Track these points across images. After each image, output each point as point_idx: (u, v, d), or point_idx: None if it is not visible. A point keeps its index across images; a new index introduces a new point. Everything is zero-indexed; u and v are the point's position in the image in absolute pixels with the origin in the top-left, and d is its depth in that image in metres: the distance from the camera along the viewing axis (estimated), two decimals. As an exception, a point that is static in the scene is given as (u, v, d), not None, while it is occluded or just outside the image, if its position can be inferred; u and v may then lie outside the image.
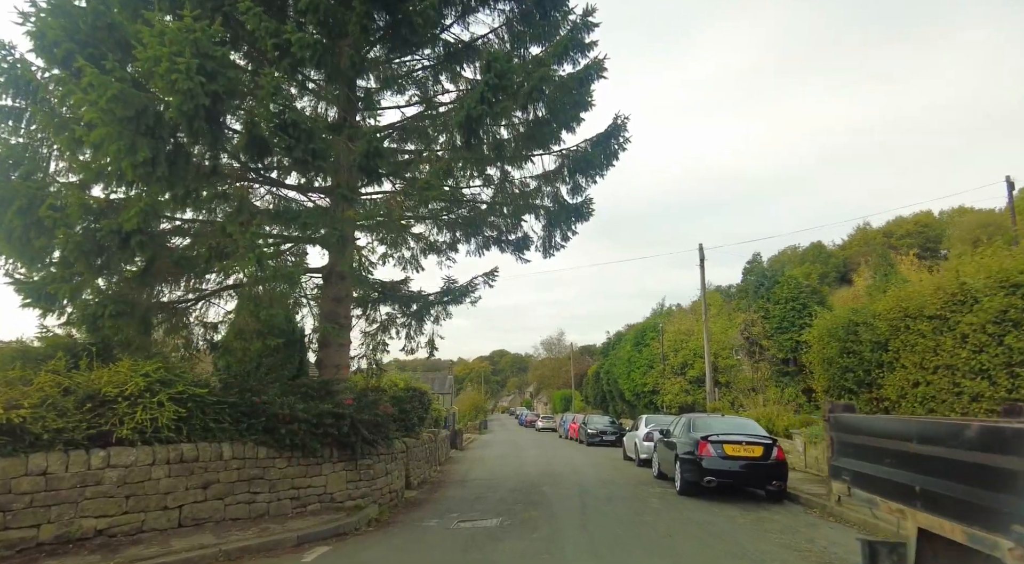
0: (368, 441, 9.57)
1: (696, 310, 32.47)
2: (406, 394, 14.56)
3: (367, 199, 12.41)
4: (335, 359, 11.01)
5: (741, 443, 10.77)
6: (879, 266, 35.78)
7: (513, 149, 11.61)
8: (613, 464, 18.58)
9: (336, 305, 11.17)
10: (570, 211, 13.13)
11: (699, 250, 24.78)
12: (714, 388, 24.99)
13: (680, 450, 11.73)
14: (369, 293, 14.76)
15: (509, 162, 12.43)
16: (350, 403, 9.18)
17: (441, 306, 15.00)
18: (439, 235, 14.88)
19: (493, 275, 14.73)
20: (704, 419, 12.50)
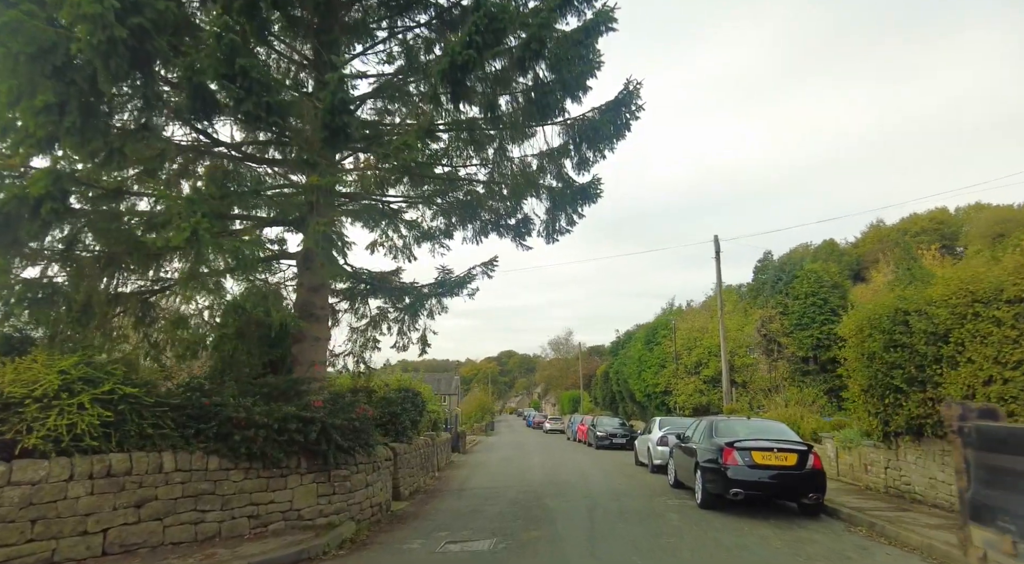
0: (343, 449, 8.31)
1: (710, 306, 31.05)
2: (397, 395, 13.31)
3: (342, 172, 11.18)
4: (310, 355, 9.77)
5: (772, 450, 9.42)
6: (901, 260, 34.20)
7: (511, 117, 10.34)
8: (624, 470, 17.24)
9: (312, 295, 9.93)
10: (576, 192, 11.82)
11: (714, 241, 23.40)
12: (731, 388, 23.59)
13: (701, 457, 10.39)
14: (357, 285, 13.56)
15: (507, 134, 11.16)
16: (319, 405, 7.92)
17: (436, 299, 13.78)
18: (432, 221, 13.64)
19: (492, 265, 13.48)
20: (727, 422, 11.16)
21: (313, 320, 9.81)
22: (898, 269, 33.47)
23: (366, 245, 13.82)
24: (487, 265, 13.48)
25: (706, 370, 27.10)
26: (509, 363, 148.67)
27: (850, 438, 12.14)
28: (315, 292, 9.91)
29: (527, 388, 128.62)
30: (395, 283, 13.54)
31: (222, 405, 7.17)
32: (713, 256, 23.46)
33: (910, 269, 32.49)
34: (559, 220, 12.14)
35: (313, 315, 9.81)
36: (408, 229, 13.94)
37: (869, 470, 11.44)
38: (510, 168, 12.01)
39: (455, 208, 13.03)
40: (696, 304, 36.81)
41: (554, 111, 10.84)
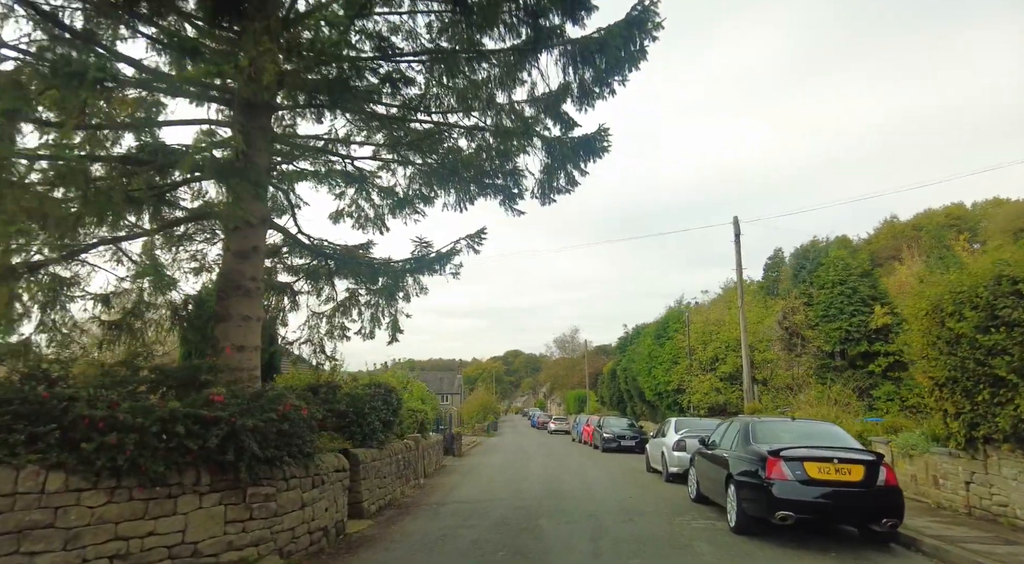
0: (264, 458, 6.20)
1: (727, 298, 28.81)
2: (365, 392, 11.20)
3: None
4: (237, 338, 7.66)
5: (831, 461, 7.23)
6: (933, 249, 31.84)
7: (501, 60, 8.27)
8: (635, 478, 15.06)
9: (239, 262, 7.81)
10: (579, 144, 9.66)
11: (734, 223, 21.16)
12: (752, 385, 21.36)
13: (735, 468, 8.22)
14: (317, 260, 11.48)
15: (495, 73, 9.06)
16: (220, 400, 5.79)
17: (413, 277, 11.69)
18: (410, 186, 11.53)
19: (479, 238, 11.40)
20: (767, 425, 8.96)
21: (241, 294, 7.71)
22: (928, 258, 31.14)
23: (329, 214, 11.74)
24: (474, 238, 11.42)
25: (723, 366, 24.86)
26: (515, 363, 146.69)
27: (912, 443, 9.92)
28: (243, 259, 7.80)
29: (533, 388, 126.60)
30: (364, 258, 11.46)
31: (72, 399, 5.07)
32: (732, 240, 21.24)
33: (942, 258, 30.15)
34: (557, 178, 10.00)
35: (241, 288, 7.71)
36: (382, 196, 11.85)
37: (941, 484, 9.22)
38: (499, 115, 9.86)
39: (436, 169, 10.90)
40: (708, 299, 34.51)
41: (550, 40, 8.73)
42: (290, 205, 10.57)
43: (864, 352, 22.81)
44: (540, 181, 9.90)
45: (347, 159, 10.77)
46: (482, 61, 9.01)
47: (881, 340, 22.47)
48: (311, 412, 7.27)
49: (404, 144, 10.60)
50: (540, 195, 9.96)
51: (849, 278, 23.71)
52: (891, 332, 22.38)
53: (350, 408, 10.74)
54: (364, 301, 12.07)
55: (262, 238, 8.07)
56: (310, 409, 7.39)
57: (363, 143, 11.05)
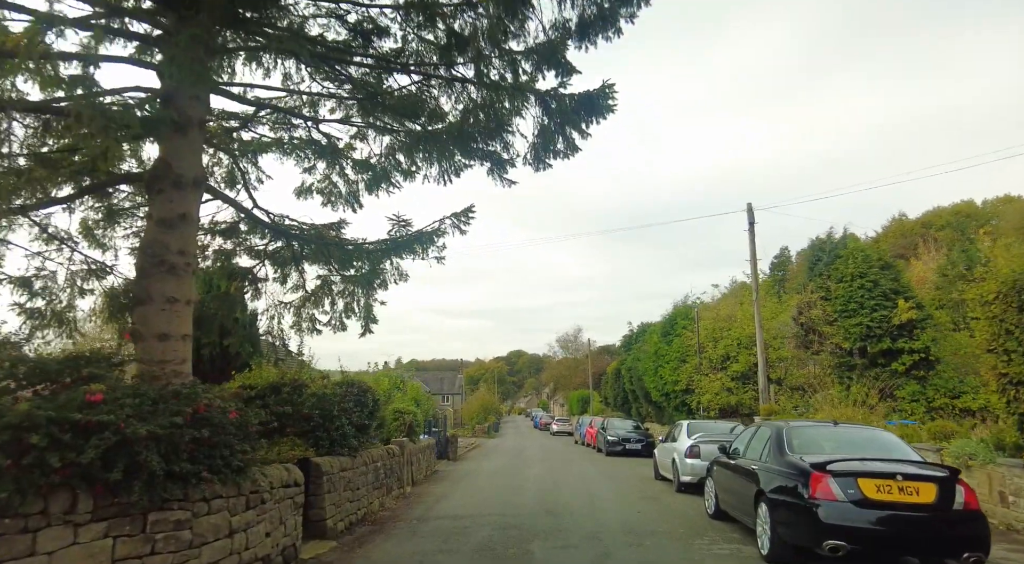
0: (172, 475, 4.81)
1: (738, 293, 27.33)
2: (335, 391, 9.80)
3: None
4: (159, 324, 6.25)
5: (894, 477, 5.77)
6: (955, 240, 30.27)
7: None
8: (643, 488, 13.62)
9: (164, 232, 6.40)
10: (579, 102, 8.24)
11: (748, 211, 19.70)
12: (767, 385, 19.88)
13: (767, 484, 6.78)
14: (280, 241, 10.11)
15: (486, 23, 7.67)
16: (98, 399, 4.38)
17: (392, 261, 10.33)
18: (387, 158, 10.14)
19: (467, 216, 10.08)
20: (805, 430, 7.48)
21: (165, 271, 6.29)
22: (951, 251, 29.58)
23: (294, 189, 10.34)
24: (460, 216, 10.08)
25: (735, 365, 23.35)
26: (518, 363, 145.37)
27: (970, 452, 8.46)
28: (168, 229, 6.39)
29: (536, 388, 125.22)
30: (335, 239, 10.09)
31: None
32: (745, 228, 19.77)
33: (966, 250, 28.58)
34: (555, 141, 8.56)
35: (165, 263, 6.30)
36: (357, 170, 10.46)
37: (1012, 502, 7.75)
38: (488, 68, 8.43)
39: (418, 135, 9.50)
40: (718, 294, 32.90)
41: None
42: (241, 174, 9.18)
43: (886, 349, 21.26)
44: (534, 144, 8.47)
45: (312, 121, 9.35)
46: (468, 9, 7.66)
47: (905, 336, 20.92)
48: (245, 415, 5.86)
49: (381, 108, 9.18)
50: (534, 160, 8.53)
51: (870, 271, 22.15)
52: (916, 328, 20.83)
53: (316, 410, 9.36)
54: (338, 290, 10.70)
55: (194, 204, 6.66)
56: (245, 411, 5.99)
57: (334, 107, 9.67)
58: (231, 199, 8.76)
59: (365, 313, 9.58)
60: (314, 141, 10.00)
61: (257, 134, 9.78)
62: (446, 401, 72.30)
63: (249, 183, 9.25)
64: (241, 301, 10.16)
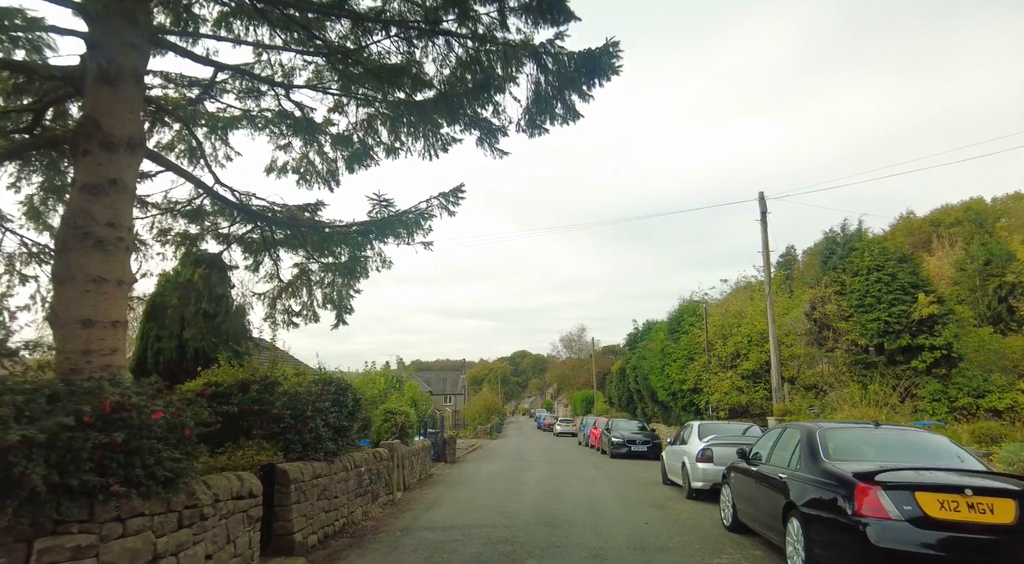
0: (74, 490, 3.87)
1: (747, 289, 26.29)
2: (310, 390, 8.85)
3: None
4: (83, 307, 5.30)
5: (961, 491, 4.77)
6: (973, 233, 29.17)
7: None
8: (650, 494, 12.62)
9: (90, 200, 5.45)
10: (580, 62, 7.28)
11: (759, 200, 18.67)
12: (781, 384, 18.84)
13: (799, 496, 5.78)
14: (255, 226, 9.21)
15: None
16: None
17: (374, 245, 9.44)
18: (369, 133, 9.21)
19: (456, 196, 9.23)
20: (842, 433, 6.45)
21: (91, 245, 5.34)
22: (968, 245, 28.49)
23: (265, 167, 9.40)
24: (449, 196, 9.21)
25: (745, 363, 22.31)
26: (522, 363, 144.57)
27: (1023, 457, 7.43)
28: (95, 196, 5.43)
29: (540, 389, 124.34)
30: (310, 222, 9.17)
31: None
32: (757, 219, 18.74)
33: (985, 244, 27.49)
34: (552, 106, 7.59)
35: (91, 236, 5.35)
36: (335, 147, 9.54)
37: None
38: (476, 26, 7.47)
39: (401, 107, 8.56)
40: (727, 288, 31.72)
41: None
42: (198, 144, 8.23)
43: (905, 346, 20.22)
44: (528, 107, 7.49)
45: (283, 87, 8.39)
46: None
47: (926, 332, 19.88)
48: (181, 416, 4.89)
49: (360, 73, 8.23)
50: (528, 124, 7.56)
51: (887, 264, 21.13)
52: (937, 323, 19.78)
53: (287, 410, 8.42)
54: (316, 279, 9.78)
55: (128, 170, 5.70)
56: (183, 411, 5.02)
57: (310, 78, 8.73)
58: (186, 171, 7.83)
59: (338, 302, 8.62)
60: (287, 114, 9.08)
61: (223, 104, 8.85)
62: (448, 402, 71.40)
63: (207, 155, 8.31)
64: (207, 290, 9.21)
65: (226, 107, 8.84)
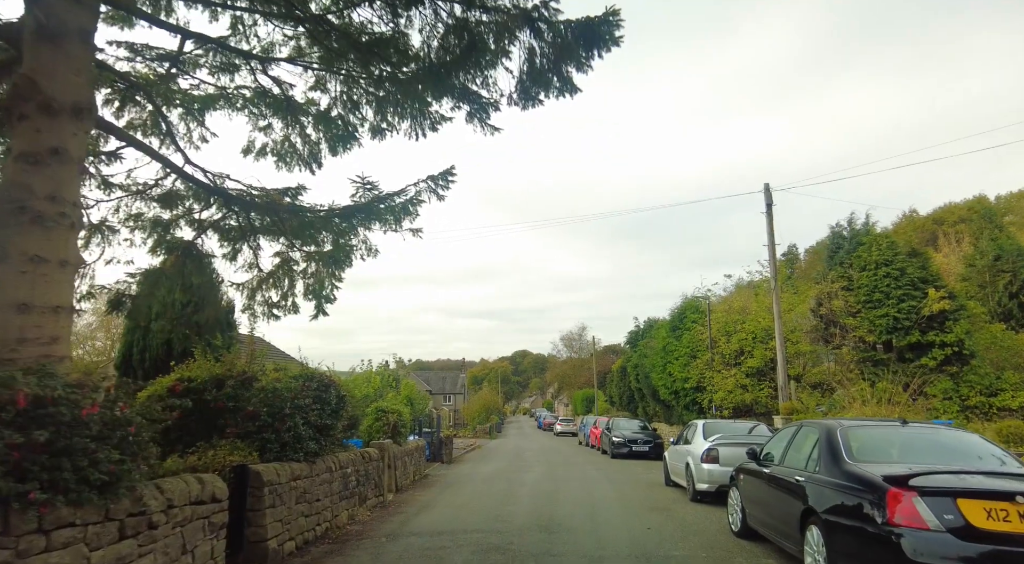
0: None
1: (751, 287, 25.68)
2: (288, 387, 8.28)
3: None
4: (18, 292, 4.72)
5: (1012, 498, 4.18)
6: (983, 228, 28.56)
7: None
8: (652, 496, 12.04)
9: (27, 171, 4.87)
10: (578, 31, 6.69)
11: (765, 191, 18.09)
12: (787, 381, 18.25)
13: (819, 501, 5.19)
14: (231, 210, 8.66)
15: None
16: None
17: (355, 231, 8.89)
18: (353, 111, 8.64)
19: (447, 179, 8.70)
20: (865, 432, 5.84)
21: (29, 221, 4.76)
22: (977, 241, 27.87)
23: (243, 148, 8.83)
24: (438, 179, 8.68)
25: (750, 360, 21.71)
26: (523, 363, 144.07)
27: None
28: (34, 166, 4.85)
29: (541, 388, 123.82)
30: (290, 207, 8.60)
31: None
32: (762, 211, 18.15)
33: (995, 239, 26.87)
34: (548, 77, 7.00)
35: (27, 211, 4.77)
36: (318, 128, 8.98)
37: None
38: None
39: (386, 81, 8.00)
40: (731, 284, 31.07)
41: None
42: (162, 118, 7.66)
43: (915, 343, 19.60)
44: (519, 80, 6.90)
45: (259, 60, 7.82)
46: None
47: (936, 328, 19.27)
48: (121, 414, 4.32)
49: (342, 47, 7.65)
50: (521, 96, 6.96)
51: (896, 258, 20.52)
52: (948, 319, 19.17)
53: (264, 407, 7.85)
54: (299, 269, 9.20)
55: (75, 139, 5.11)
56: (126, 408, 4.44)
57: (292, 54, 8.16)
58: (151, 148, 7.24)
59: (317, 291, 8.04)
60: (266, 93, 8.52)
61: (197, 79, 8.28)
62: (448, 401, 70.84)
63: (177, 133, 7.72)
64: (179, 279, 8.63)
65: (200, 83, 8.27)
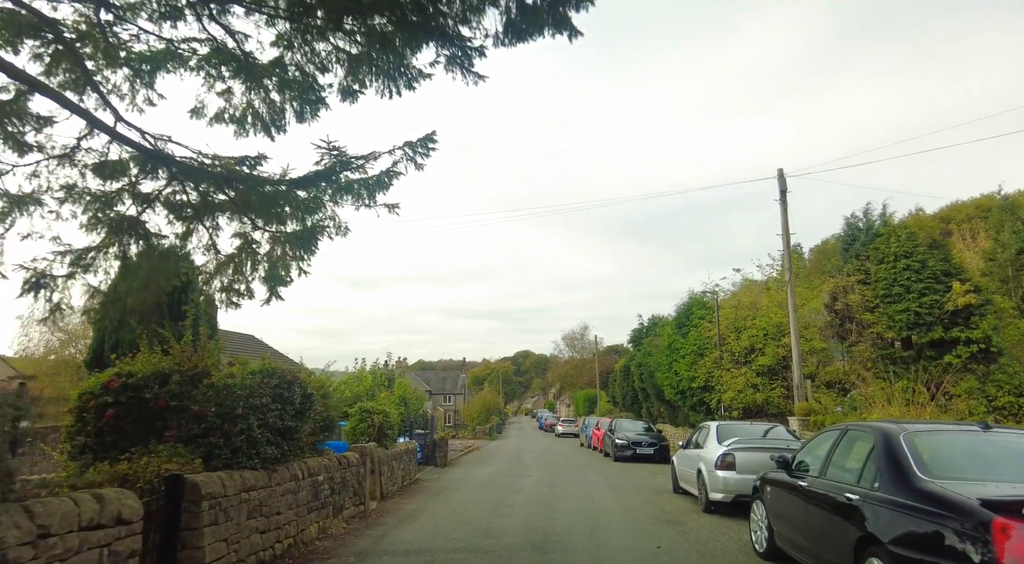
0: None
1: (763, 273, 24.52)
2: (243, 384, 7.19)
3: None
4: None
5: None
6: (1004, 221, 27.37)
7: None
8: (660, 506, 10.91)
9: None
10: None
11: (779, 178, 16.95)
12: (802, 380, 17.10)
13: (882, 527, 4.07)
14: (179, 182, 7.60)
15: None
16: None
17: (323, 206, 7.84)
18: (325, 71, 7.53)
19: (427, 145, 7.70)
20: (938, 436, 4.69)
21: None
22: (998, 234, 26.68)
23: (190, 109, 7.73)
24: (416, 146, 7.67)
25: (761, 358, 20.54)
26: (525, 363, 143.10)
27: None
28: None
29: (543, 388, 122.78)
30: (241, 174, 7.51)
31: None
32: (776, 198, 17.01)
33: (1017, 232, 25.68)
34: (540, 10, 5.90)
35: None
36: (282, 91, 7.89)
37: None
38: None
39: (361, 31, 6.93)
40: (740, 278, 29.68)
41: None
42: (83, 70, 6.55)
43: (937, 339, 18.41)
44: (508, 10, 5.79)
45: (204, 4, 6.72)
46: None
47: (961, 324, 18.07)
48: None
49: None
50: (507, 30, 5.84)
51: (916, 250, 19.32)
52: (973, 314, 17.98)
53: (212, 407, 6.77)
54: (265, 251, 8.10)
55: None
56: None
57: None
58: (68, 99, 6.13)
59: (269, 273, 6.95)
60: (222, 50, 7.42)
61: (136, 27, 7.17)
62: (448, 401, 69.78)
63: (103, 83, 6.62)
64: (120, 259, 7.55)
65: (139, 33, 7.16)
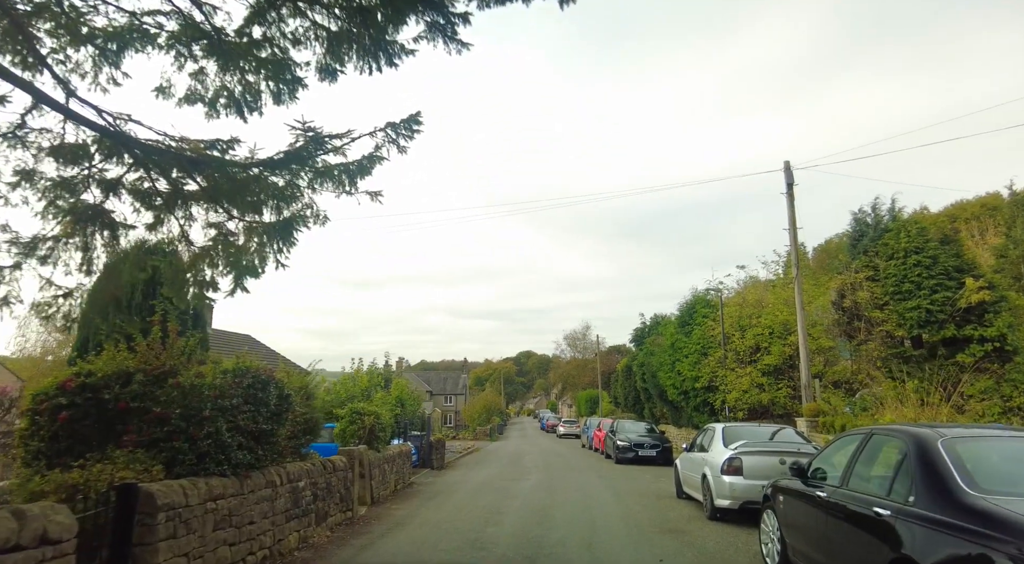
0: None
1: (764, 282, 23.93)
2: (212, 384, 6.66)
3: None
4: None
5: None
6: (1016, 216, 26.73)
7: None
8: (664, 513, 10.35)
9: None
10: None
11: (785, 170, 16.36)
12: (810, 380, 16.52)
13: (919, 548, 3.51)
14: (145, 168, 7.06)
15: None
16: None
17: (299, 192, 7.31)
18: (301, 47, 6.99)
19: (411, 126, 7.12)
20: (979, 444, 4.10)
21: None
22: (1010, 230, 26.04)
23: (155, 87, 7.19)
24: (400, 128, 7.13)
25: (766, 357, 19.96)
26: (527, 364, 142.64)
27: None
28: None
29: (545, 389, 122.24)
30: (214, 159, 6.99)
31: None
32: (783, 191, 16.43)
33: (1029, 228, 25.02)
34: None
35: None
36: (257, 71, 7.35)
37: None
38: None
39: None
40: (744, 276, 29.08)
41: None
42: (25, 38, 6.02)
43: (949, 338, 17.82)
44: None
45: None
46: None
47: (974, 322, 17.48)
48: None
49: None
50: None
51: (927, 246, 18.73)
52: (987, 312, 17.39)
53: (176, 409, 6.25)
54: (240, 243, 7.55)
55: None
56: None
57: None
58: (12, 73, 5.59)
59: (234, 262, 6.42)
60: (194, 26, 6.88)
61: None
62: (449, 402, 69.26)
63: (40, 53, 6.09)
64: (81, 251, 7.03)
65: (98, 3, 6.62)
